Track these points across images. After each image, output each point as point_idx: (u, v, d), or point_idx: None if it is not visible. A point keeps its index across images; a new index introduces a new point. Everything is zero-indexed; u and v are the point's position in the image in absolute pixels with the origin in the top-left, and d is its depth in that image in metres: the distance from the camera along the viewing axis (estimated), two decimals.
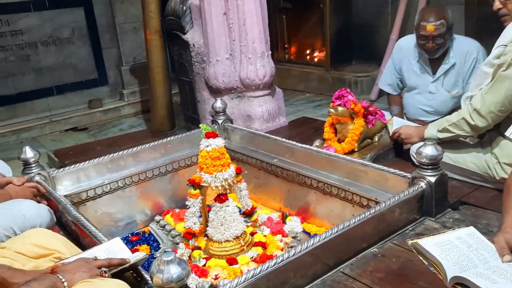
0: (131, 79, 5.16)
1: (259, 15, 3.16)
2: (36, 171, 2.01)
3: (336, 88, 2.83)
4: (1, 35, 4.45)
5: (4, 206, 1.65)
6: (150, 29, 3.64)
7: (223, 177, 1.83)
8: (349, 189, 1.93)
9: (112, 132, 4.56)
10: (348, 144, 2.48)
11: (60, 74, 4.84)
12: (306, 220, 2.19)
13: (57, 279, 1.11)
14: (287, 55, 5.81)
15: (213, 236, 1.91)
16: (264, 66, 3.21)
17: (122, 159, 2.29)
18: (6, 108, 4.59)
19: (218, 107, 2.60)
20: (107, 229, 2.21)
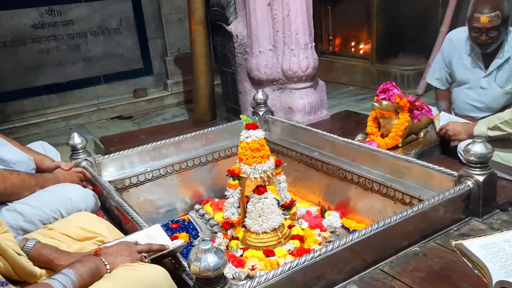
0: (175, 70, 5.25)
1: (303, 6, 3.12)
2: (83, 157, 2.07)
3: (381, 81, 2.76)
4: (54, 25, 4.63)
5: (53, 189, 1.73)
6: (194, 19, 3.68)
7: (262, 168, 1.83)
8: (391, 185, 1.89)
9: (155, 121, 4.66)
10: (392, 139, 2.41)
11: (107, 64, 5.00)
12: (346, 215, 2.16)
13: (100, 262, 1.15)
14: (331, 47, 5.71)
15: (251, 227, 1.91)
16: (307, 57, 3.18)
17: (164, 148, 2.34)
18: (57, 95, 4.78)
19: (259, 99, 2.60)
20: (149, 215, 2.26)
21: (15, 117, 4.56)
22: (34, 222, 1.59)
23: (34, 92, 4.65)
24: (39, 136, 4.29)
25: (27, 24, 4.50)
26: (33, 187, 1.68)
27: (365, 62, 5.17)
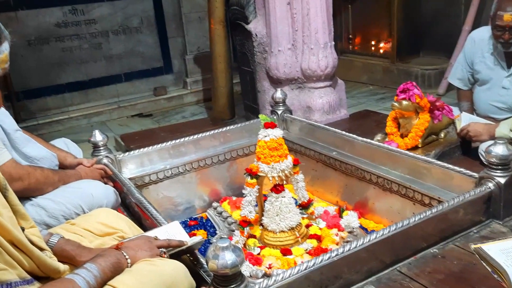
0: (194, 68, 5.29)
1: (323, 5, 3.11)
2: (104, 154, 2.11)
3: (401, 81, 2.73)
4: (77, 24, 4.72)
5: (75, 185, 1.77)
6: (214, 18, 3.70)
7: (280, 167, 1.84)
8: (410, 186, 1.87)
9: (175, 119, 4.71)
10: (412, 140, 2.39)
11: (128, 62, 5.07)
12: (364, 215, 2.15)
13: (121, 256, 1.17)
14: (351, 46, 5.67)
15: (268, 225, 1.92)
16: (326, 57, 3.16)
17: (183, 146, 2.36)
18: (80, 93, 4.87)
19: (278, 98, 2.60)
20: (167, 212, 2.29)
21: (39, 114, 4.66)
22: (57, 217, 1.63)
23: (57, 89, 4.74)
24: (61, 133, 4.38)
25: (51, 23, 4.60)
26: (56, 183, 1.72)
27: (386, 61, 5.12)
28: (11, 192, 1.11)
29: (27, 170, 1.61)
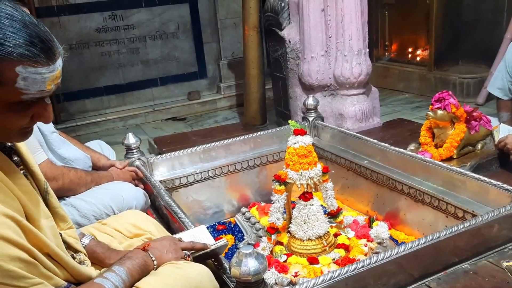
0: (228, 73, 5.34)
1: (358, 12, 3.07)
2: (136, 156, 2.15)
3: (438, 89, 2.66)
4: (116, 29, 4.86)
5: (107, 186, 1.82)
6: (248, 25, 3.73)
7: (309, 175, 1.82)
8: (443, 198, 1.81)
9: (207, 123, 4.76)
10: (446, 151, 2.32)
11: (164, 66, 5.17)
12: (394, 226, 2.10)
13: (148, 257, 1.19)
14: (387, 53, 5.58)
15: (296, 233, 1.91)
16: (360, 64, 3.12)
17: (214, 150, 2.38)
18: (117, 96, 5.01)
19: (309, 104, 2.59)
20: (196, 216, 2.31)
21: (78, 115, 4.82)
22: (88, 217, 1.68)
23: (96, 92, 4.90)
24: (98, 134, 4.52)
25: (92, 28, 4.76)
26: (88, 184, 1.77)
27: (423, 69, 5.00)
28: (52, 195, 1.14)
29: (62, 171, 1.66)
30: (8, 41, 0.82)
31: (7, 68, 0.83)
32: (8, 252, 0.86)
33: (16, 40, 0.82)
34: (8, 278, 0.86)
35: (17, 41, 0.83)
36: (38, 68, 0.85)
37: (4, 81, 0.83)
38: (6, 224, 0.87)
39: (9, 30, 0.82)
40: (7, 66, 0.83)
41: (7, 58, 0.82)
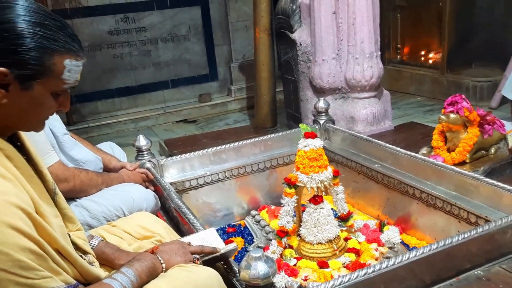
0: (239, 76, 5.35)
1: (370, 14, 3.06)
2: (147, 158, 2.16)
3: (451, 92, 2.64)
4: (128, 31, 4.90)
5: (117, 188, 1.83)
6: (259, 27, 3.73)
7: (319, 178, 1.81)
8: (456, 203, 1.79)
9: (218, 125, 4.77)
10: (459, 155, 2.29)
11: (175, 69, 5.19)
12: (406, 231, 2.08)
13: (157, 260, 1.19)
14: (399, 56, 5.54)
15: (306, 237, 1.90)
16: (371, 67, 3.11)
17: (224, 153, 2.38)
18: (128, 98, 5.04)
19: (320, 107, 2.58)
20: (206, 218, 2.32)
21: (90, 117, 4.86)
22: (98, 218, 1.69)
23: (108, 94, 4.93)
24: (110, 136, 4.55)
25: (104, 31, 4.80)
26: (99, 185, 1.78)
27: (435, 72, 4.95)
28: (60, 196, 1.15)
29: (73, 172, 1.68)
30: (59, 37, 0.95)
31: (58, 61, 0.96)
32: (18, 242, 0.87)
33: (64, 37, 0.96)
34: (18, 268, 0.87)
35: (64, 38, 0.96)
36: (78, 61, 1.00)
37: (55, 72, 0.96)
38: (17, 215, 0.88)
39: (56, 28, 0.95)
40: (59, 59, 0.95)
41: (59, 52, 0.95)
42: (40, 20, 0.93)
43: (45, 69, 0.94)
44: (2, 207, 0.86)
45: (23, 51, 0.91)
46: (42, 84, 0.95)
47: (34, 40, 0.92)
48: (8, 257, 0.85)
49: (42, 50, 0.93)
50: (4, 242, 0.85)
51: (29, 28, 0.91)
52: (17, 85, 0.93)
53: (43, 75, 0.95)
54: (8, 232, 0.85)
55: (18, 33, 0.90)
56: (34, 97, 0.96)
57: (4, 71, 0.90)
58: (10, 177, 0.92)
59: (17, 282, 0.87)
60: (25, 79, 0.93)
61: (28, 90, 0.95)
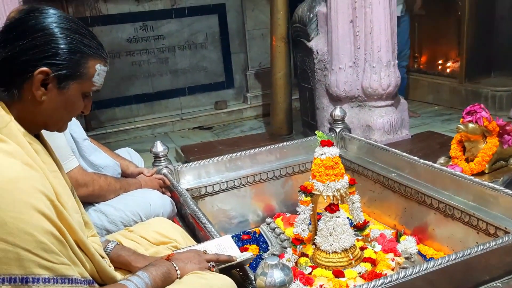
0: (255, 83, 5.37)
1: (387, 23, 3.05)
2: (164, 164, 2.18)
3: (469, 102, 2.61)
4: (146, 39, 4.97)
5: (135, 193, 1.84)
6: (276, 35, 3.75)
7: (335, 187, 1.81)
8: (474, 214, 1.76)
9: (233, 132, 4.79)
10: (478, 165, 2.26)
11: (192, 76, 5.24)
12: (423, 241, 2.05)
13: (172, 267, 1.20)
14: (417, 64, 5.50)
15: (321, 245, 1.89)
16: (389, 75, 3.09)
17: (240, 160, 2.38)
18: (146, 104, 5.10)
19: (337, 115, 2.57)
20: (221, 224, 2.32)
21: (108, 123, 4.93)
22: (116, 223, 1.71)
23: (125, 101, 5.00)
24: (127, 142, 4.60)
25: (123, 38, 4.88)
26: (117, 191, 1.80)
27: (453, 81, 4.90)
28: (77, 200, 1.18)
29: (92, 177, 1.70)
30: (93, 44, 1.05)
31: (91, 65, 1.05)
32: (42, 225, 0.90)
33: (96, 44, 1.06)
34: (41, 250, 0.90)
35: (96, 45, 1.06)
36: (105, 67, 1.10)
37: (88, 75, 1.05)
38: (42, 201, 0.92)
39: (89, 36, 1.06)
40: (92, 63, 1.05)
41: (93, 57, 1.05)
42: (77, 28, 1.04)
43: (81, 71, 1.04)
44: (29, 190, 0.90)
45: (64, 54, 1.00)
46: (76, 85, 1.04)
47: (73, 45, 1.02)
48: (32, 237, 0.88)
49: (79, 54, 1.03)
50: (30, 223, 0.88)
51: (68, 34, 1.01)
52: (55, 84, 1.01)
53: (79, 77, 1.04)
54: (33, 214, 0.89)
55: (59, 38, 1.00)
56: (68, 97, 1.04)
57: (47, 71, 0.99)
58: (36, 168, 0.96)
59: (39, 263, 0.89)
60: (63, 79, 1.02)
61: (64, 90, 1.03)
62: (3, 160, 0.92)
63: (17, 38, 0.98)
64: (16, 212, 0.87)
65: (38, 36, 0.98)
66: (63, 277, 0.93)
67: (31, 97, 0.99)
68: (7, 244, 0.86)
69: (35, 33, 0.98)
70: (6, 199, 0.87)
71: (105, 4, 4.71)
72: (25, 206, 0.88)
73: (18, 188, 0.89)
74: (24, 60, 0.97)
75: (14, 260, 0.87)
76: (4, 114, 0.98)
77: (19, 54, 0.97)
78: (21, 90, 0.99)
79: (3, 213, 0.86)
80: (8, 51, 0.97)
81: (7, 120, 0.97)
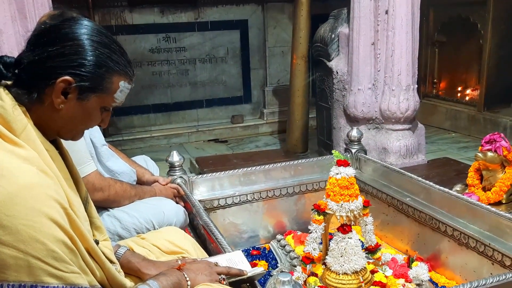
0: (272, 100, 5.40)
1: (409, 47, 3.06)
2: (179, 174, 2.19)
3: (488, 131, 2.59)
4: (168, 50, 5.05)
5: (149, 201, 1.86)
6: (297, 54, 3.78)
7: (349, 207, 1.80)
8: (490, 244, 1.73)
9: (248, 147, 4.80)
10: (495, 194, 2.23)
11: (211, 89, 5.30)
12: (435, 268, 2.02)
13: (183, 277, 1.20)
14: (435, 90, 5.47)
15: (332, 266, 1.87)
16: (407, 99, 3.09)
17: (254, 174, 2.39)
18: (163, 114, 5.16)
19: (353, 136, 2.57)
20: (231, 238, 2.31)
21: (125, 130, 4.99)
22: (129, 229, 1.72)
23: (144, 110, 5.06)
24: (142, 150, 4.64)
25: (146, 48, 4.96)
26: (132, 197, 1.82)
27: (471, 109, 4.86)
28: (91, 205, 1.18)
29: (109, 182, 1.72)
30: (121, 61, 1.05)
31: (116, 81, 1.05)
32: (54, 233, 0.90)
33: (123, 61, 1.06)
34: (51, 259, 0.89)
35: (124, 62, 1.06)
36: (129, 85, 1.10)
37: (111, 90, 1.05)
38: (55, 208, 0.92)
39: (119, 53, 1.06)
40: (116, 79, 1.05)
41: (118, 73, 1.05)
42: (108, 43, 1.04)
43: (104, 85, 1.04)
44: (42, 198, 0.90)
45: (89, 66, 1.00)
46: (97, 98, 1.04)
47: (101, 59, 1.01)
48: (43, 246, 0.88)
49: (105, 69, 1.02)
50: (42, 231, 0.88)
51: (98, 47, 1.01)
52: (76, 94, 1.01)
53: (100, 91, 1.04)
54: (45, 222, 0.89)
55: (88, 49, 1.00)
56: (86, 108, 1.04)
57: (69, 80, 0.99)
58: (51, 175, 0.97)
59: (49, 272, 0.89)
60: (84, 91, 1.01)
61: (84, 101, 1.03)
62: (19, 166, 0.92)
63: (47, 44, 0.99)
64: (29, 220, 0.87)
65: (67, 45, 0.99)
66: (72, 285, 0.93)
67: (49, 102, 1.00)
68: (18, 252, 0.87)
69: (65, 42, 0.99)
70: (19, 206, 0.87)
71: (131, 14, 4.81)
72: (38, 214, 0.88)
73: (32, 195, 0.89)
74: (50, 66, 0.98)
75: (25, 267, 0.87)
76: (23, 118, 0.98)
77: (47, 59, 0.98)
78: (42, 94, 0.99)
79: (16, 221, 0.87)
80: (36, 55, 0.99)
81: (25, 125, 0.97)
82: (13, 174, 0.90)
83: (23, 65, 0.99)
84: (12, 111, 0.96)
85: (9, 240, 0.86)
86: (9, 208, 0.87)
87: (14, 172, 0.90)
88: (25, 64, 0.99)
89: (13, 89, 0.99)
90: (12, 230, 0.86)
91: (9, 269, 0.87)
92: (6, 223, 0.86)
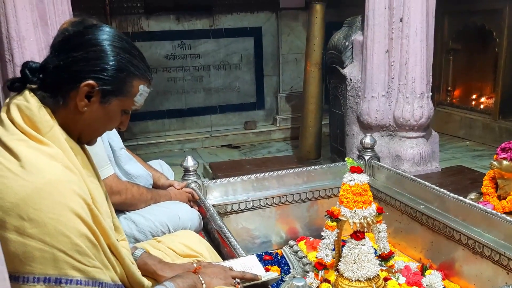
0: (285, 106, 5.43)
1: (423, 55, 3.06)
2: (193, 179, 2.21)
3: (503, 139, 2.57)
4: (183, 57, 5.11)
5: (165, 205, 1.88)
6: (311, 61, 3.80)
7: (362, 214, 1.80)
8: (505, 253, 1.72)
9: (261, 153, 4.82)
10: (510, 203, 2.21)
11: (224, 95, 5.35)
12: (449, 277, 2.01)
13: (198, 280, 1.22)
14: (450, 98, 5.44)
15: (344, 272, 1.87)
16: (421, 107, 3.08)
17: (267, 180, 2.40)
18: (177, 120, 5.22)
19: (366, 143, 2.57)
20: (244, 243, 2.32)
21: (140, 135, 5.05)
22: (145, 232, 1.74)
23: (158, 115, 5.13)
24: (156, 155, 4.69)
25: (161, 55, 5.03)
26: (148, 201, 1.84)
27: (486, 117, 4.82)
28: (110, 205, 1.21)
29: (126, 186, 1.75)
30: (141, 66, 1.10)
31: (136, 85, 1.09)
32: (78, 228, 0.94)
33: (143, 66, 1.11)
34: (75, 252, 0.93)
35: (144, 67, 1.11)
36: (148, 88, 1.13)
37: (131, 94, 1.09)
38: (79, 203, 0.95)
39: (139, 58, 1.10)
40: (136, 83, 1.09)
41: (138, 77, 1.09)
42: (128, 48, 1.08)
43: (124, 89, 1.07)
44: (67, 193, 0.94)
45: (112, 70, 1.04)
46: (118, 101, 1.08)
47: (122, 63, 1.06)
48: (68, 239, 0.92)
49: (126, 73, 1.06)
50: (67, 225, 0.92)
51: (119, 53, 1.06)
52: (99, 98, 1.05)
53: (121, 94, 1.07)
54: (70, 217, 0.93)
55: (110, 55, 1.04)
56: (108, 111, 1.08)
57: (93, 84, 1.02)
58: (75, 171, 1.00)
59: (73, 265, 0.93)
60: (106, 94, 1.05)
61: (106, 104, 1.06)
62: (45, 162, 0.96)
63: (72, 49, 1.03)
64: (55, 214, 0.91)
65: (91, 50, 1.03)
66: (94, 280, 0.96)
67: (73, 105, 1.03)
68: (44, 245, 0.90)
69: (89, 47, 1.03)
70: (46, 201, 0.91)
71: (147, 21, 4.89)
72: (63, 208, 0.92)
73: (57, 190, 0.93)
74: (75, 71, 1.02)
75: (50, 260, 0.91)
76: (49, 119, 1.01)
77: (71, 64, 1.02)
78: (67, 98, 1.03)
79: (43, 214, 0.90)
80: (61, 60, 1.02)
81: (51, 125, 1.01)
82: (40, 170, 0.93)
83: (48, 69, 1.03)
84: (38, 112, 1.00)
85: (36, 233, 0.90)
86: (36, 202, 0.90)
87: (41, 168, 0.94)
88: (50, 69, 1.03)
89: (38, 92, 1.03)
90: (39, 223, 0.90)
91: (35, 261, 0.90)
92: (34, 217, 0.90)
